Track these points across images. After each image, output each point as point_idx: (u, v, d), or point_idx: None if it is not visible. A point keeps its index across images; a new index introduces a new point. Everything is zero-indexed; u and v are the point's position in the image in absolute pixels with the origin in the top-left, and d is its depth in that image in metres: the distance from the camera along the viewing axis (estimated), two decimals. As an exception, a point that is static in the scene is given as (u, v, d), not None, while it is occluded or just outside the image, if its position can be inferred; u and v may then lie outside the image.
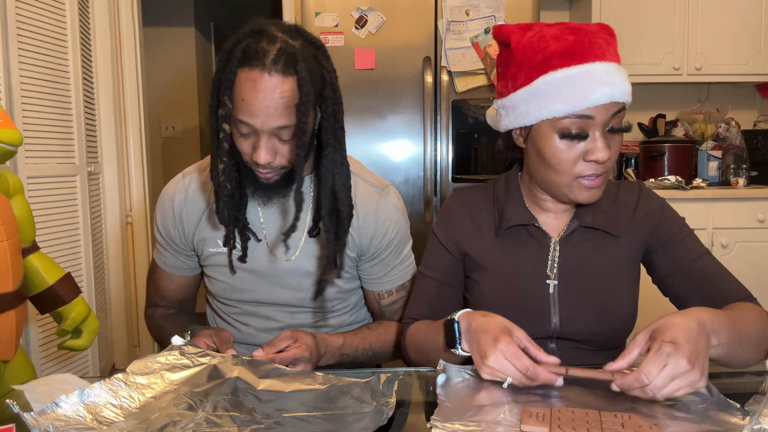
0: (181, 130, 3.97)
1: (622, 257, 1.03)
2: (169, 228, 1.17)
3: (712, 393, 0.77)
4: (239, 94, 0.94)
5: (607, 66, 0.89)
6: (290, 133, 0.97)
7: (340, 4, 2.35)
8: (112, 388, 0.78)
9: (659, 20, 2.83)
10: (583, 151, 0.92)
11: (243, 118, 0.95)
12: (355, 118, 2.37)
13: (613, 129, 0.92)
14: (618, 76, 0.90)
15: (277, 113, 0.94)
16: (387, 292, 1.20)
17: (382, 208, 1.14)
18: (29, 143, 2.06)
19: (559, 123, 0.91)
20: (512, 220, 1.04)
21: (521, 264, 1.03)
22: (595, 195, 0.96)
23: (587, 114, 0.90)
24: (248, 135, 0.98)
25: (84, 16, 2.48)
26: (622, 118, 0.93)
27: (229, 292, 1.17)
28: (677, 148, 2.86)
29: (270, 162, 0.99)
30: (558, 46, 0.90)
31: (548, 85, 0.90)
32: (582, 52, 0.89)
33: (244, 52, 0.93)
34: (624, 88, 0.91)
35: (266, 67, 0.92)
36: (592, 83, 0.88)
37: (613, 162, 0.96)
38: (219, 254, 1.14)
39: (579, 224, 1.02)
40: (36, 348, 2.11)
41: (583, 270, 1.01)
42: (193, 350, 0.92)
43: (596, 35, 0.92)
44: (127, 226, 2.84)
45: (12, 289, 0.92)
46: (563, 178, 0.95)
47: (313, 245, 1.13)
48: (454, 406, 0.75)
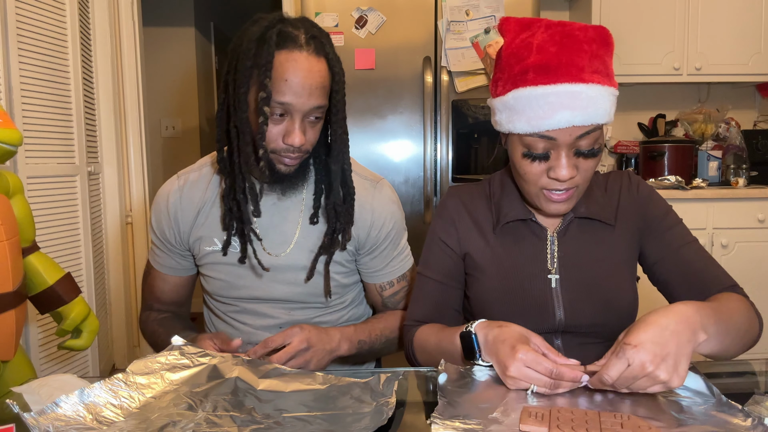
0: (181, 130, 3.97)
1: (618, 246, 1.04)
2: (164, 228, 1.17)
3: (713, 393, 0.77)
4: (281, 75, 0.97)
5: (576, 88, 0.87)
6: (321, 114, 1.03)
7: (340, 4, 2.35)
8: (112, 388, 0.78)
9: (659, 20, 2.83)
10: (546, 168, 0.93)
11: (284, 98, 0.97)
12: (355, 118, 2.37)
13: (578, 152, 0.91)
14: (584, 100, 0.87)
15: (317, 92, 0.99)
16: (388, 283, 1.21)
17: (377, 201, 1.16)
18: (29, 143, 2.06)
19: (524, 139, 0.93)
20: (509, 215, 1.04)
21: (521, 260, 1.03)
22: (562, 208, 0.97)
23: (548, 135, 0.90)
24: (281, 119, 1.00)
25: (84, 16, 2.48)
26: (594, 139, 0.91)
27: (226, 289, 1.17)
28: (677, 148, 2.86)
29: (303, 144, 1.01)
30: (536, 58, 0.89)
31: (516, 101, 0.91)
32: (555, 70, 0.88)
33: (279, 35, 0.97)
34: (589, 111, 0.88)
35: (303, 47, 0.98)
36: (554, 106, 0.87)
37: (585, 179, 0.95)
38: (215, 252, 1.14)
39: (574, 216, 1.03)
40: (36, 348, 2.11)
41: (582, 262, 1.02)
42: (193, 350, 0.92)
43: (583, 47, 0.89)
44: (127, 226, 2.84)
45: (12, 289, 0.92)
46: (531, 188, 0.97)
47: (307, 239, 1.13)
48: (455, 405, 0.75)
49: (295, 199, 1.14)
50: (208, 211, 1.14)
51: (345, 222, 1.10)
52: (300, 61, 0.97)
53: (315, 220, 1.12)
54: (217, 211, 1.13)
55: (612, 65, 0.94)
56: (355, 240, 1.15)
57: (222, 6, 4.32)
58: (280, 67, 0.96)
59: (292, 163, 1.04)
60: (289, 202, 1.14)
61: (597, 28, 0.93)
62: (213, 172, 1.16)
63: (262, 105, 0.97)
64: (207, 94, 4.19)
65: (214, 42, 4.29)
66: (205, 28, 4.18)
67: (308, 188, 1.15)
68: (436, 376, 0.85)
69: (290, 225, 1.14)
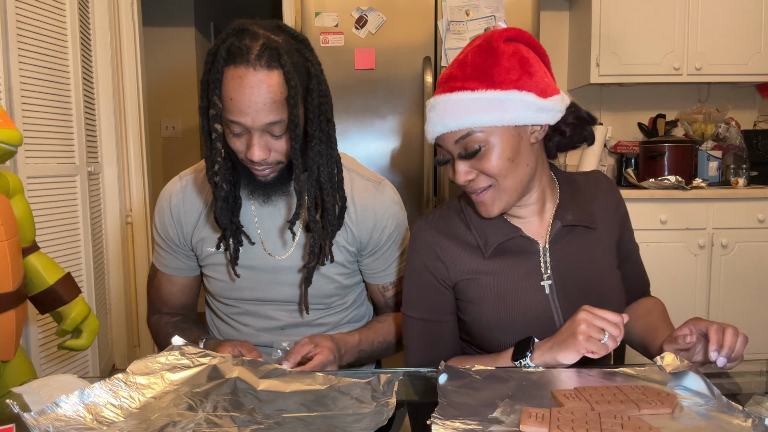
0: (181, 130, 3.97)
1: (602, 247, 1.06)
2: (168, 229, 1.17)
3: (713, 394, 0.77)
4: (227, 93, 0.94)
5: (447, 98, 0.94)
6: (282, 129, 0.98)
7: (340, 4, 2.34)
8: (112, 388, 0.78)
9: (659, 20, 2.83)
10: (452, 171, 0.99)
11: (233, 117, 0.95)
12: (355, 118, 2.37)
13: (461, 155, 0.96)
14: (448, 109, 0.93)
15: (266, 109, 0.94)
16: (391, 284, 1.21)
17: (379, 203, 1.15)
18: (29, 143, 2.06)
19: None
20: (497, 238, 1.02)
21: (516, 276, 1.02)
22: (489, 210, 0.99)
23: (439, 143, 0.98)
24: (241, 134, 0.98)
25: (84, 16, 2.48)
26: (475, 141, 0.94)
27: (229, 291, 1.17)
28: (677, 148, 2.86)
29: (265, 159, 0.99)
30: (443, 72, 0.99)
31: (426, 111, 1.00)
32: (442, 83, 0.97)
33: (229, 51, 0.94)
34: (445, 122, 0.94)
35: (251, 62, 0.93)
36: (432, 117, 0.96)
37: (501, 178, 0.95)
38: (218, 254, 1.14)
39: (561, 224, 1.02)
40: (36, 348, 2.11)
41: (575, 267, 1.02)
42: (193, 350, 0.92)
43: (467, 58, 0.95)
44: (127, 226, 2.83)
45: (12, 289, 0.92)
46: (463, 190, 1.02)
47: (307, 240, 1.13)
48: (455, 406, 0.75)
49: (294, 202, 1.13)
50: (209, 213, 1.14)
51: (328, 234, 1.06)
52: (245, 77, 0.93)
53: (294, 232, 1.07)
54: None
55: (505, 71, 0.93)
56: (357, 241, 1.15)
57: (222, 6, 4.32)
58: (227, 85, 0.94)
59: (263, 174, 1.02)
60: (290, 204, 1.14)
61: (512, 47, 0.96)
62: None
63: (213, 123, 0.95)
64: (207, 94, 4.18)
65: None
66: (205, 28, 4.18)
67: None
68: (436, 377, 0.85)
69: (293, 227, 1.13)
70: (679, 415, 0.72)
